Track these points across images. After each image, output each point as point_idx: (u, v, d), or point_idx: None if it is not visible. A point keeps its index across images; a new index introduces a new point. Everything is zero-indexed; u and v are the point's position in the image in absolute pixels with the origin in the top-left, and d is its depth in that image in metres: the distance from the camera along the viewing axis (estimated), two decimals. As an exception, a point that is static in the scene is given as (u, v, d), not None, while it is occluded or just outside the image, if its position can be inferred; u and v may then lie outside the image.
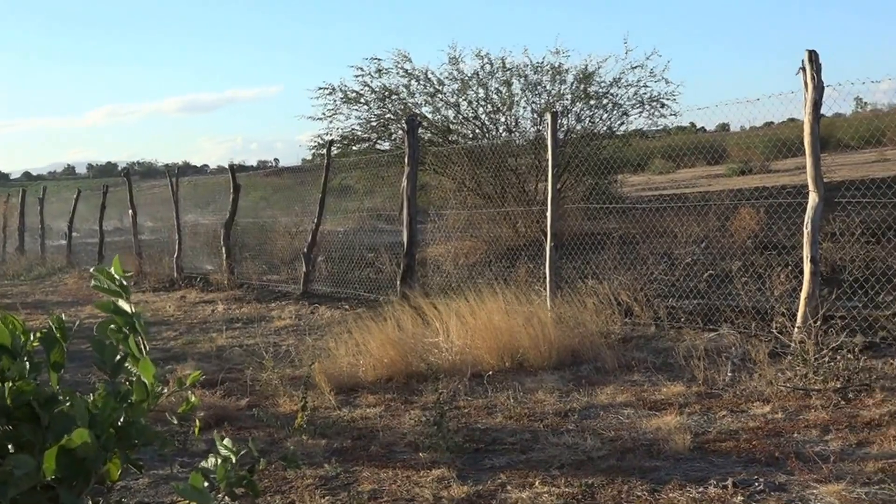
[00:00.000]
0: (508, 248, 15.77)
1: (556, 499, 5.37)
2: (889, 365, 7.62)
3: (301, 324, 12.54)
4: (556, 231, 11.30)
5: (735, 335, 9.13)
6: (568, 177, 16.51)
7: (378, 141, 19.48)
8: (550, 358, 8.71)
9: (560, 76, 18.50)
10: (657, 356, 8.78)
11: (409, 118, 13.05)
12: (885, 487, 5.14)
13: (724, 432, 6.43)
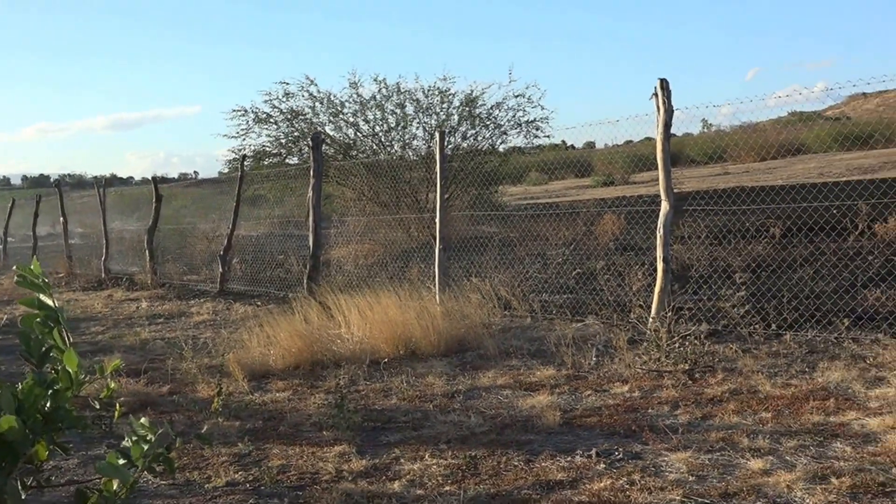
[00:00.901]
0: (403, 250, 15.78)
1: (443, 469, 5.38)
2: (729, 349, 7.80)
3: (218, 319, 12.35)
4: (444, 235, 11.34)
5: (599, 325, 9.28)
6: (455, 187, 16.58)
7: (287, 156, 19.33)
8: (439, 346, 8.73)
9: (448, 100, 18.64)
10: (532, 344, 8.85)
11: (314, 136, 12.95)
12: (725, 454, 5.27)
13: (589, 409, 6.51)
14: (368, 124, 18.78)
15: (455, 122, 18.63)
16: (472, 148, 18.73)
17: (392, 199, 17.29)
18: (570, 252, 14.40)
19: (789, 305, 8.83)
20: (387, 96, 18.58)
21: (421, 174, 17.36)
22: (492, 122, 18.75)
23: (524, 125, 19.04)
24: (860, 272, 10.23)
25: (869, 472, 4.75)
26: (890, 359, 6.86)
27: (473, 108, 18.65)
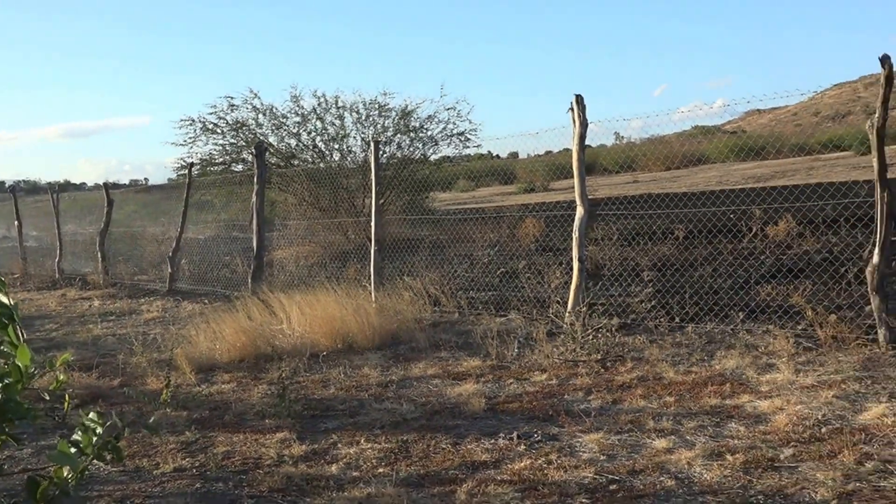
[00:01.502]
0: (341, 252, 15.72)
1: (377, 453, 5.37)
2: (637, 340, 7.91)
3: (167, 316, 12.15)
4: (379, 237, 11.32)
5: (521, 319, 9.34)
6: (390, 193, 16.56)
7: (232, 163, 19.08)
8: (374, 340, 8.71)
9: (386, 113, 18.62)
10: (460, 337, 8.88)
11: (257, 145, 12.85)
12: (632, 435, 5.35)
13: (511, 396, 6.54)
14: (309, 135, 18.67)
15: (391, 133, 18.62)
16: (407, 157, 18.71)
17: (331, 204, 17.21)
18: (495, 253, 14.48)
19: (691, 300, 9.00)
20: (326, 109, 18.50)
21: (358, 181, 17.30)
22: (424, 134, 18.79)
23: (454, 136, 19.11)
24: (754, 270, 10.45)
25: (760, 449, 4.86)
26: (779, 348, 7.01)
27: (408, 120, 18.67)
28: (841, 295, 8.52)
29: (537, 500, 4.38)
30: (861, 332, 7.07)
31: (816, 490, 4.19)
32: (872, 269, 6.91)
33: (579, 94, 8.76)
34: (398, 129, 18.64)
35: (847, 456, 4.59)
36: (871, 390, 5.80)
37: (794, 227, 12.94)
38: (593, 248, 12.67)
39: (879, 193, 6.87)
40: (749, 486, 4.34)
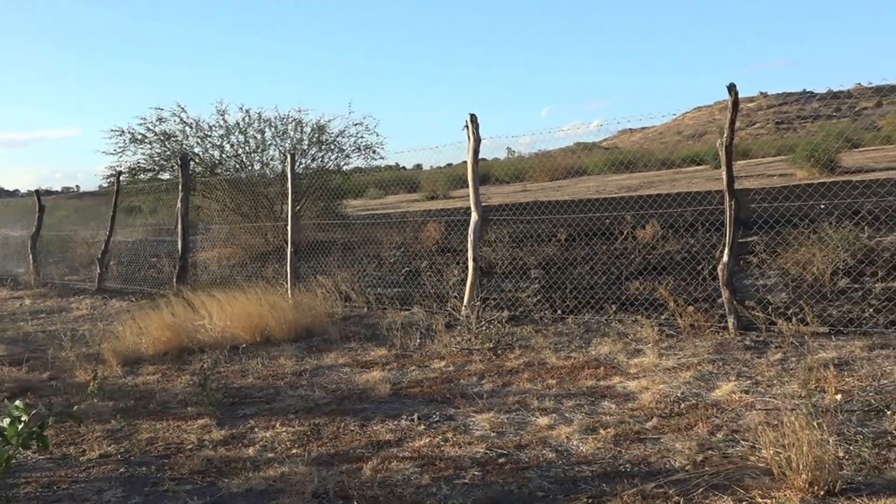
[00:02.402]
0: (260, 253, 15.47)
1: (291, 435, 5.29)
2: (525, 330, 8.00)
3: (95, 313, 11.71)
4: (295, 240, 11.17)
5: (422, 313, 9.34)
6: (306, 200, 16.37)
7: (160, 172, 18.51)
8: (290, 333, 8.58)
9: (301, 127, 18.40)
10: (368, 329, 8.82)
11: (183, 156, 12.54)
12: (519, 414, 5.40)
13: (413, 381, 6.54)
14: (232, 147, 18.29)
15: (306, 146, 18.41)
16: (321, 167, 18.51)
17: (252, 210, 16.91)
18: (401, 254, 14.43)
19: (571, 295, 9.14)
20: (249, 123, 18.16)
21: (277, 189, 17.03)
22: (336, 147, 18.63)
23: (363, 149, 19.00)
24: (625, 268, 10.66)
25: (628, 423, 4.97)
26: (646, 335, 7.18)
27: (322, 134, 18.48)
28: (698, 289, 8.79)
29: (435, 474, 4.38)
30: (714, 320, 7.30)
31: (675, 458, 4.31)
32: (723, 266, 7.15)
33: (473, 114, 8.82)
34: (312, 141, 18.45)
35: (701, 428, 4.73)
36: (722, 371, 6.00)
37: (659, 230, 13.27)
38: (487, 249, 12.76)
39: (728, 202, 7.11)
40: (619, 456, 4.44)
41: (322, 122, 18.54)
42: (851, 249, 9.27)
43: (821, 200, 13.78)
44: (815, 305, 7.31)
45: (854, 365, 5.77)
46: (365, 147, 18.71)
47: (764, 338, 6.78)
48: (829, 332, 6.75)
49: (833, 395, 5.08)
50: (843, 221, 10.02)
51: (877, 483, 3.74)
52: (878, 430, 4.44)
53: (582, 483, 4.10)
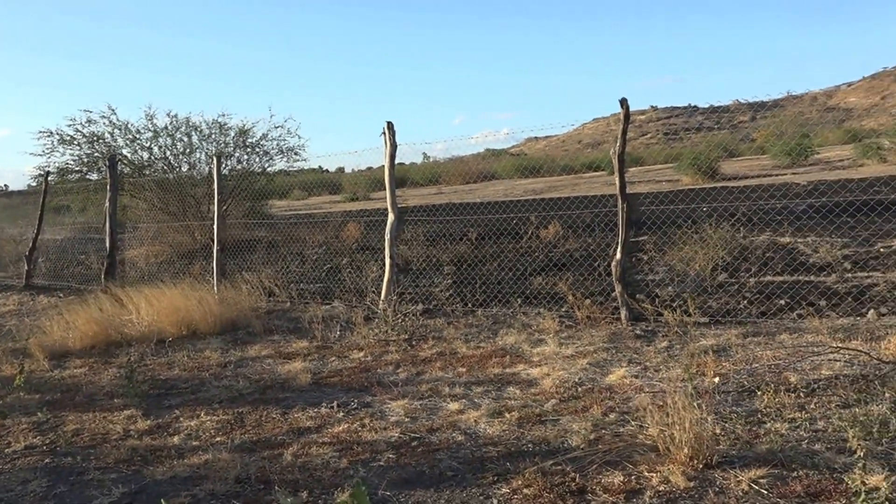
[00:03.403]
0: (188, 251, 15.07)
1: (215, 424, 5.17)
2: (438, 322, 8.00)
3: (22, 309, 11.20)
4: (221, 239, 10.91)
5: (342, 307, 9.25)
6: (232, 201, 16.00)
7: (89, 172, 17.80)
8: (216, 327, 8.39)
9: (225, 131, 17.98)
10: (290, 323, 8.69)
11: (111, 157, 12.06)
12: (432, 400, 5.40)
13: (333, 371, 6.47)
14: (160, 149, 17.74)
15: (231, 149, 17.99)
16: (246, 170, 18.12)
17: (179, 210, 16.46)
18: (323, 251, 14.28)
19: (481, 289, 9.21)
20: (176, 127, 17.66)
21: (204, 190, 16.60)
22: (260, 149, 18.27)
23: (285, 151, 18.69)
24: (529, 265, 10.80)
25: (531, 407, 5.03)
26: (547, 326, 7.27)
27: (246, 138, 18.10)
28: (594, 284, 8.96)
29: (352, 458, 4.35)
30: (609, 312, 7.45)
31: (572, 438, 4.38)
32: (616, 263, 7.31)
33: (390, 122, 8.79)
34: (237, 145, 18.07)
35: (596, 410, 4.83)
36: (615, 358, 6.13)
37: (560, 230, 13.49)
38: (403, 247, 12.74)
39: (621, 204, 7.28)
40: (522, 437, 4.48)
41: (246, 126, 18.18)
42: (729, 248, 9.62)
43: (703, 204, 14.25)
44: (697, 298, 7.54)
45: (730, 351, 5.97)
46: (287, 149, 18.41)
47: (652, 328, 6.96)
48: (709, 321, 6.98)
49: (712, 378, 5.25)
50: (722, 223, 10.37)
51: (748, 456, 3.88)
52: (750, 409, 4.61)
53: (488, 463, 4.13)
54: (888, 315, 6.58)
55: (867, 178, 19.37)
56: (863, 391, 4.69)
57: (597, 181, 32.21)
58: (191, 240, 16.04)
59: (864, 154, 28.91)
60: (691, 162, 28.01)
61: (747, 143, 51.58)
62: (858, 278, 8.17)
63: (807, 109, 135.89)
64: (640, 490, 3.60)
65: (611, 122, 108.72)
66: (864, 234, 10.73)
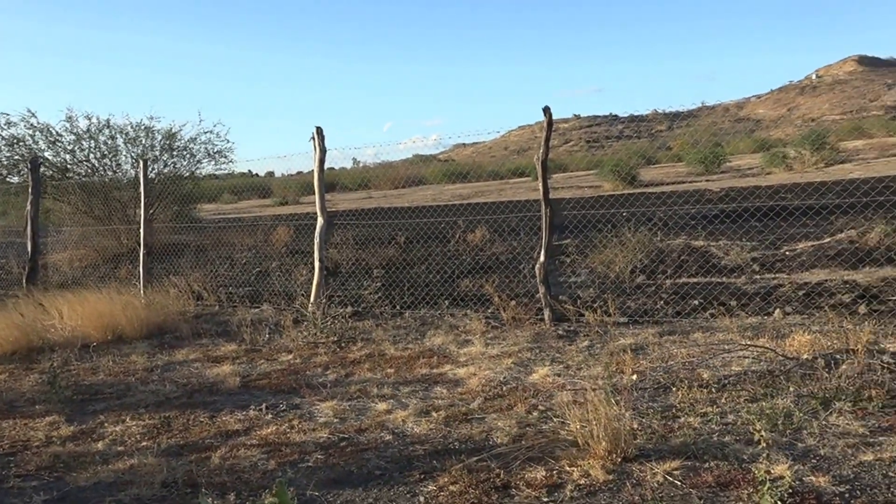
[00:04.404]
0: (114, 255, 14.62)
1: (141, 429, 5.03)
2: (367, 324, 7.98)
3: (-60, 315, 10.67)
4: (148, 243, 10.63)
5: (272, 310, 9.13)
6: (159, 204, 15.58)
7: (8, 175, 17.03)
8: (142, 331, 8.16)
9: (152, 134, 17.47)
10: (219, 326, 8.52)
11: (32, 160, 11.59)
12: (360, 401, 5.38)
13: (262, 374, 6.38)
14: (83, 152, 17.10)
15: (158, 152, 17.49)
16: (173, 173, 17.66)
17: (105, 214, 15.92)
18: (252, 255, 14.07)
19: (409, 292, 9.21)
20: (99, 129, 17.05)
21: (130, 193, 16.12)
22: (188, 153, 17.81)
23: (214, 155, 18.27)
24: (457, 267, 10.86)
25: (458, 406, 5.06)
26: (474, 327, 7.33)
27: (173, 141, 17.63)
28: (519, 286, 9.07)
29: (281, 459, 4.29)
30: (533, 313, 7.55)
31: (497, 435, 4.43)
32: (540, 266, 7.42)
33: (319, 127, 8.71)
34: (164, 148, 17.58)
35: (520, 407, 4.89)
36: (539, 357, 6.21)
37: (487, 234, 13.61)
38: (333, 250, 12.64)
39: (544, 209, 7.39)
40: (448, 436, 4.51)
41: (173, 130, 17.72)
42: (646, 251, 9.88)
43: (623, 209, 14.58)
44: (617, 299, 7.71)
45: (647, 349, 6.13)
46: (216, 153, 18.01)
47: (574, 328, 7.09)
48: (628, 321, 7.15)
49: (630, 376, 5.38)
50: (640, 227, 10.64)
51: (664, 449, 3.99)
52: (666, 404, 4.74)
53: (416, 461, 4.13)
54: (792, 314, 6.86)
55: (774, 185, 20.18)
56: (769, 386, 4.88)
57: (522, 187, 32.63)
58: (117, 244, 15.56)
59: (772, 162, 30.12)
60: (612, 169, 28.68)
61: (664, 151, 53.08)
62: (766, 279, 8.50)
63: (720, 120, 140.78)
64: (561, 484, 3.67)
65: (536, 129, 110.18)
66: (771, 237, 11.17)
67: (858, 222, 10.73)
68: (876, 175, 17.43)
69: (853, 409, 4.34)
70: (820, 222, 11.98)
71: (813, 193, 15.01)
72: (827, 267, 8.84)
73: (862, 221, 10.68)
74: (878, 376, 4.76)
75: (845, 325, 5.61)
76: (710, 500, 3.37)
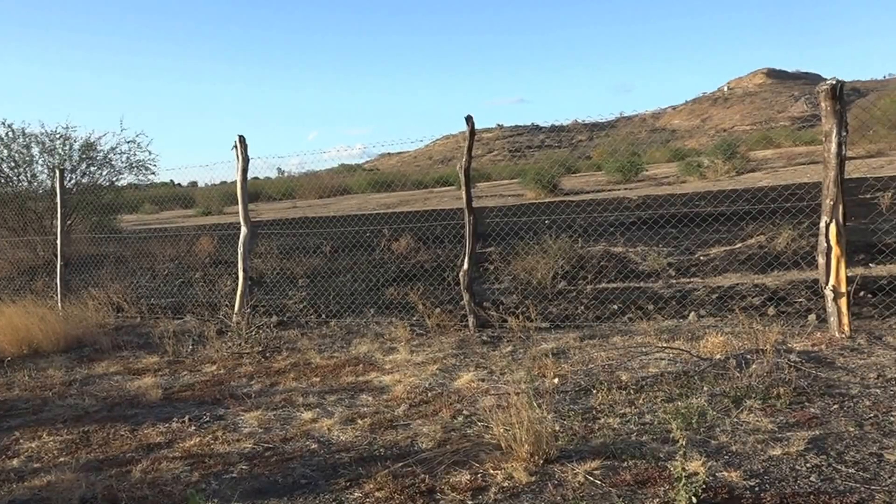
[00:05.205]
0: (30, 267, 14.05)
1: (59, 444, 4.85)
2: (292, 333, 7.88)
3: None
4: (65, 254, 10.27)
5: (195, 321, 8.94)
6: (77, 215, 15.03)
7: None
8: (60, 344, 7.87)
9: (69, 143, 16.84)
10: (141, 338, 8.29)
11: (-60, 168, 11.09)
12: (286, 410, 5.32)
13: (185, 385, 6.23)
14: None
15: (76, 162, 16.88)
16: (92, 183, 17.07)
17: (20, 225, 15.29)
18: (175, 266, 13.73)
19: (335, 300, 9.16)
20: (13, 138, 16.35)
21: (46, 204, 15.52)
22: (108, 163, 17.25)
23: (135, 165, 17.74)
24: (382, 276, 10.85)
25: (383, 413, 5.05)
26: (399, 335, 7.32)
27: (92, 151, 17.04)
28: (444, 293, 9.13)
29: (204, 471, 4.21)
30: (457, 320, 7.60)
31: (422, 440, 4.44)
32: (464, 273, 7.47)
33: (242, 135, 8.59)
34: (82, 158, 16.99)
35: (445, 413, 4.92)
36: (463, 363, 6.26)
37: (412, 243, 13.64)
38: (258, 260, 12.46)
39: (468, 217, 7.46)
40: (374, 442, 4.50)
41: (92, 139, 17.14)
42: (567, 257, 10.07)
43: (545, 216, 14.84)
44: (539, 305, 7.85)
45: (569, 353, 6.25)
46: (137, 163, 17.50)
47: (498, 333, 7.17)
48: (550, 326, 7.28)
49: (552, 380, 5.48)
50: (562, 234, 10.86)
51: (584, 450, 4.08)
52: (587, 406, 4.85)
53: (341, 468, 4.12)
54: (706, 317, 7.11)
55: (689, 193, 20.86)
56: (684, 386, 5.04)
57: (447, 195, 32.81)
58: (32, 255, 14.95)
59: (687, 171, 31.14)
60: (534, 178, 29.15)
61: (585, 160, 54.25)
62: (681, 284, 8.78)
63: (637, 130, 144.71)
64: (485, 487, 3.71)
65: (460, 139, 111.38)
66: (686, 243, 11.55)
67: (767, 228, 11.18)
68: (783, 183, 18.22)
69: (763, 406, 4.53)
70: (731, 228, 12.45)
71: (725, 201, 15.59)
72: (738, 271, 9.20)
73: (770, 227, 11.13)
74: (786, 374, 4.98)
75: (755, 327, 5.84)
76: (628, 498, 3.46)
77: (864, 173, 19.59)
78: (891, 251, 8.91)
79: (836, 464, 3.66)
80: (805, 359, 5.35)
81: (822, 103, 5.90)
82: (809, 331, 6.12)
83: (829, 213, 5.87)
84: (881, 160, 26.83)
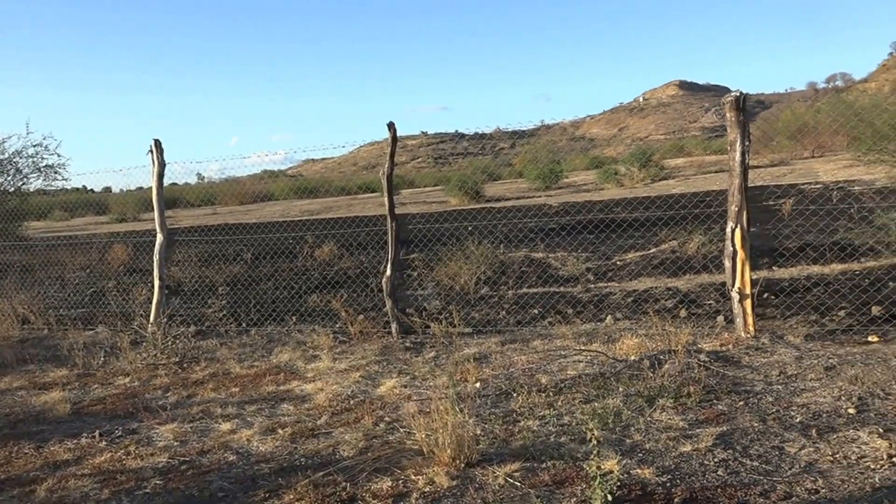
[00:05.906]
0: (-74, 277, 13.27)
1: (-43, 465, 4.58)
2: (211, 343, 7.69)
3: None
4: (-34, 263, 9.75)
5: (107, 332, 8.61)
6: (-23, 222, 14.33)
7: None
8: (-41, 359, 7.46)
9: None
10: (48, 351, 7.93)
11: None
12: (203, 422, 5.18)
13: (96, 399, 6.00)
14: None
15: (-24, 167, 16.11)
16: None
17: None
18: (86, 275, 13.21)
19: (255, 309, 8.99)
20: None
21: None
22: (13, 168, 16.51)
23: (43, 169, 17.03)
24: (304, 283, 10.71)
25: (305, 422, 4.98)
26: (322, 342, 7.24)
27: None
28: (367, 300, 9.07)
29: (115, 487, 4.05)
30: (380, 327, 7.57)
31: (344, 448, 4.39)
32: (387, 279, 7.44)
33: (157, 140, 8.34)
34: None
35: (367, 420, 4.88)
36: (386, 370, 6.23)
37: (335, 249, 13.51)
38: (175, 268, 12.11)
39: (390, 224, 7.44)
40: (295, 452, 4.43)
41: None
42: (490, 263, 10.16)
43: (468, 223, 14.93)
44: (462, 310, 7.88)
45: (490, 358, 6.30)
46: (46, 167, 16.81)
47: (421, 339, 7.17)
48: (472, 331, 7.32)
49: (473, 384, 5.51)
50: (484, 240, 10.94)
51: (505, 453, 4.11)
52: (507, 410, 4.89)
53: (261, 480, 4.03)
54: (622, 319, 7.28)
55: (606, 199, 21.37)
56: (601, 387, 5.15)
57: (372, 202, 32.63)
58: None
59: (605, 179, 31.88)
60: (458, 184, 29.32)
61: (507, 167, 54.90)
62: (599, 288, 8.97)
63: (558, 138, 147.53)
64: (406, 493, 3.69)
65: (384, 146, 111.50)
66: (604, 249, 11.81)
67: (679, 234, 11.53)
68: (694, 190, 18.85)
69: (674, 405, 4.66)
70: (646, 234, 12.80)
71: (640, 207, 16.03)
72: (652, 275, 9.45)
73: (682, 233, 11.48)
74: (696, 374, 5.15)
75: (668, 329, 6.01)
76: (547, 498, 3.50)
77: (766, 181, 20.48)
78: (792, 255, 9.32)
79: (742, 458, 3.80)
80: (714, 358, 5.54)
81: (728, 114, 6.14)
82: (718, 331, 6.34)
83: (735, 219, 6.10)
84: (783, 169, 28.11)
